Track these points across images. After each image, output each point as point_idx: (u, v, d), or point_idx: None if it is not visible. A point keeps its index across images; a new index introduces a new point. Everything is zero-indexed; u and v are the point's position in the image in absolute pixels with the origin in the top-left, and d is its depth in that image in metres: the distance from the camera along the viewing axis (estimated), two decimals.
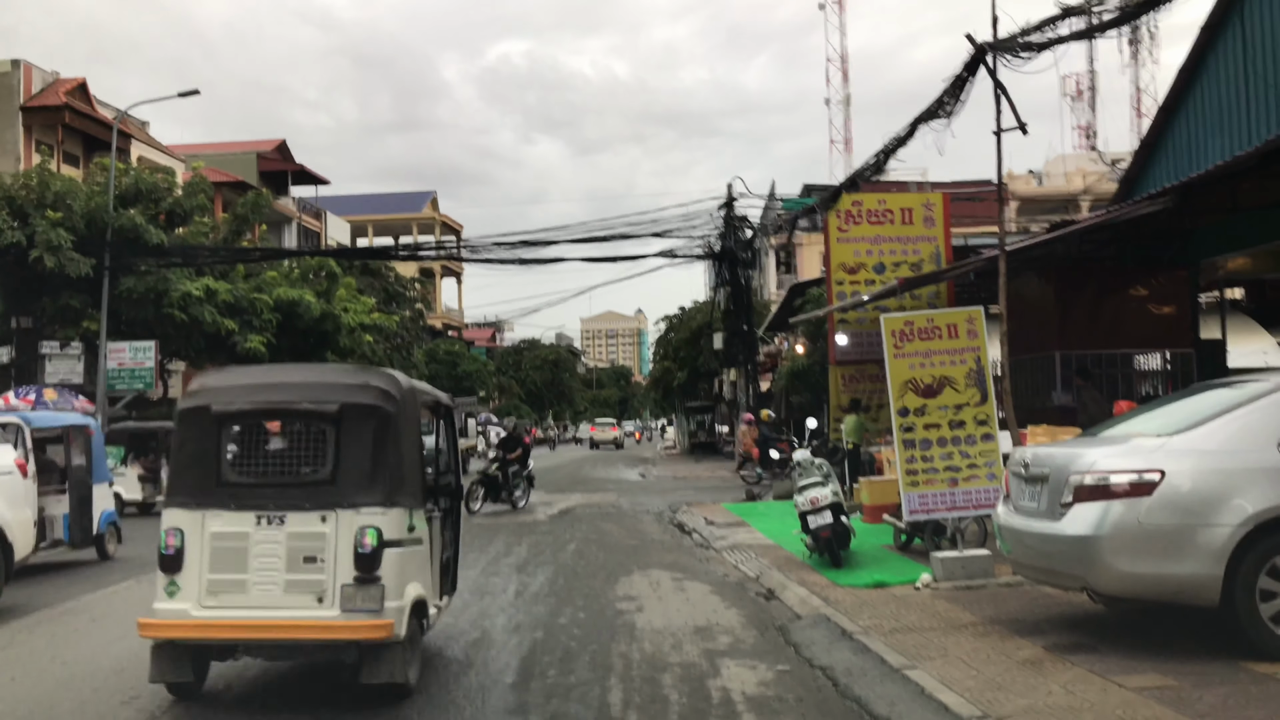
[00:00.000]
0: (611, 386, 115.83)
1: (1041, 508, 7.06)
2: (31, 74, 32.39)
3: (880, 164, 13.60)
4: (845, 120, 72.10)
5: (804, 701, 6.30)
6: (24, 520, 11.20)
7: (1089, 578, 6.74)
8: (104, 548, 13.92)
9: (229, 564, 6.34)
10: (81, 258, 24.20)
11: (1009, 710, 5.62)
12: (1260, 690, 5.72)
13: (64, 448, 13.59)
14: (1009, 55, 10.62)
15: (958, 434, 10.12)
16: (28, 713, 6.48)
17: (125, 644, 8.42)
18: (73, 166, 32.22)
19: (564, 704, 6.35)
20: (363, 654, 6.26)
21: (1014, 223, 42.05)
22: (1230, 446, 6.50)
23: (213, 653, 6.59)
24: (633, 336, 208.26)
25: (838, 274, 16.91)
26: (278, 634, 6.28)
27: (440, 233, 65.58)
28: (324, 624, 6.19)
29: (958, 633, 7.56)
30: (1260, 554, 6.26)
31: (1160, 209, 11.38)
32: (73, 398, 21.57)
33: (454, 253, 47.72)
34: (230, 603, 6.31)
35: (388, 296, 45.43)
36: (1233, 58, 14.03)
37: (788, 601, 9.51)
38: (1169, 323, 15.66)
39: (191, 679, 6.53)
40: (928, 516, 10.35)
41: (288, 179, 47.98)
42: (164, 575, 6.51)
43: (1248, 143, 12.99)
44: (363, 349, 35.77)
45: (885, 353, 10.32)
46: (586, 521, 17.91)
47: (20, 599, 10.56)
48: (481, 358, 64.58)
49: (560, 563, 12.78)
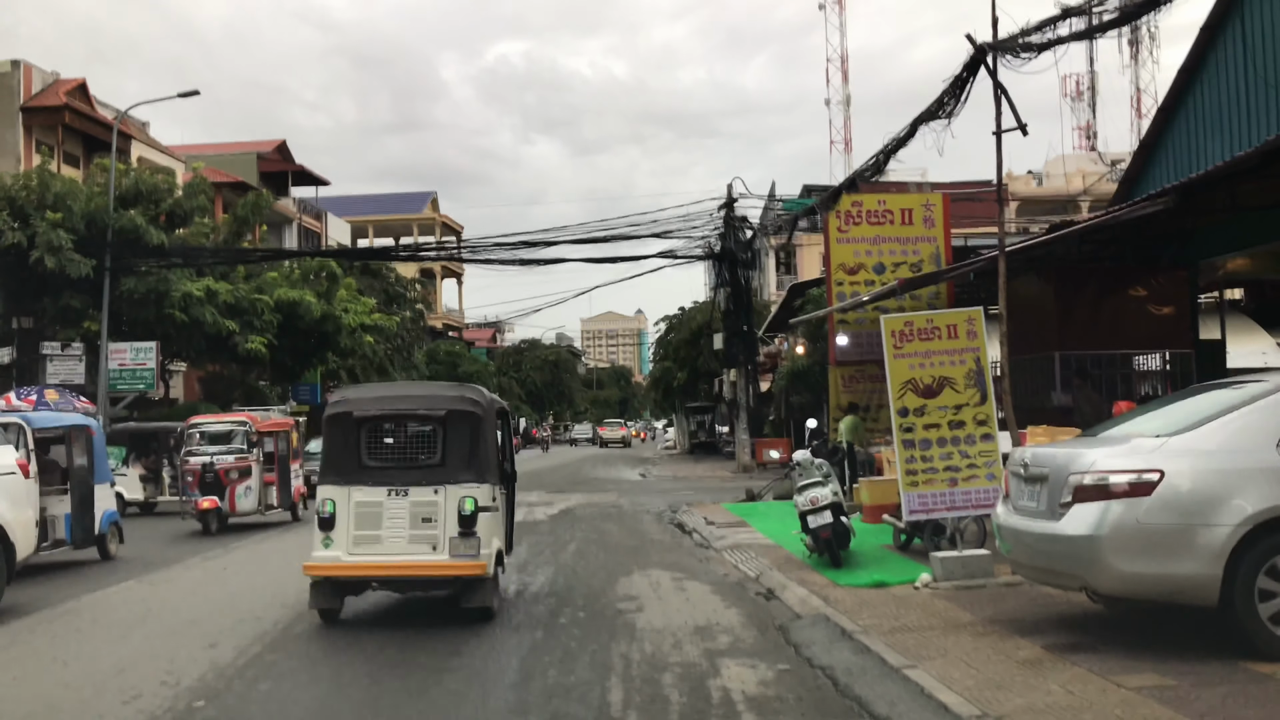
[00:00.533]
0: (612, 387, 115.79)
1: (1041, 508, 7.07)
2: (31, 74, 32.37)
3: (880, 164, 13.61)
4: (845, 120, 72.29)
5: (804, 701, 6.31)
6: (26, 520, 11.20)
7: (1088, 578, 6.75)
8: (105, 548, 13.93)
9: (368, 524, 8.78)
10: (82, 258, 24.21)
11: (1008, 710, 5.63)
12: (1259, 690, 5.73)
13: (66, 448, 13.61)
14: (1009, 55, 10.61)
15: (957, 434, 10.13)
16: (28, 713, 6.49)
17: (126, 644, 8.44)
18: (73, 167, 32.22)
19: (564, 703, 6.36)
20: (463, 587, 8.80)
21: (1014, 223, 42.07)
22: (1229, 447, 6.51)
23: (351, 588, 9.04)
24: (633, 337, 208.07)
25: (838, 274, 16.89)
26: (405, 573, 8.82)
27: (441, 233, 65.56)
28: (438, 565, 8.70)
29: (957, 632, 7.57)
30: (1259, 554, 6.27)
31: (1160, 209, 11.37)
32: (74, 398, 21.56)
33: (454, 253, 47.72)
34: (369, 551, 8.74)
35: (388, 297, 45.46)
36: (1233, 58, 14.03)
37: (788, 601, 9.52)
38: (1169, 323, 15.65)
39: (338, 606, 9.00)
40: (927, 516, 10.37)
41: (288, 179, 47.96)
42: (320, 532, 8.82)
43: (1248, 143, 12.99)
44: (363, 350, 35.83)
45: (885, 353, 10.33)
46: (587, 522, 17.92)
47: (22, 599, 10.56)
48: (482, 358, 64.68)
49: (560, 563, 12.79)
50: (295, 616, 9.37)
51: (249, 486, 17.70)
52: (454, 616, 8.92)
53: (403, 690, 6.74)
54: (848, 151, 69.81)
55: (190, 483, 17.57)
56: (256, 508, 17.88)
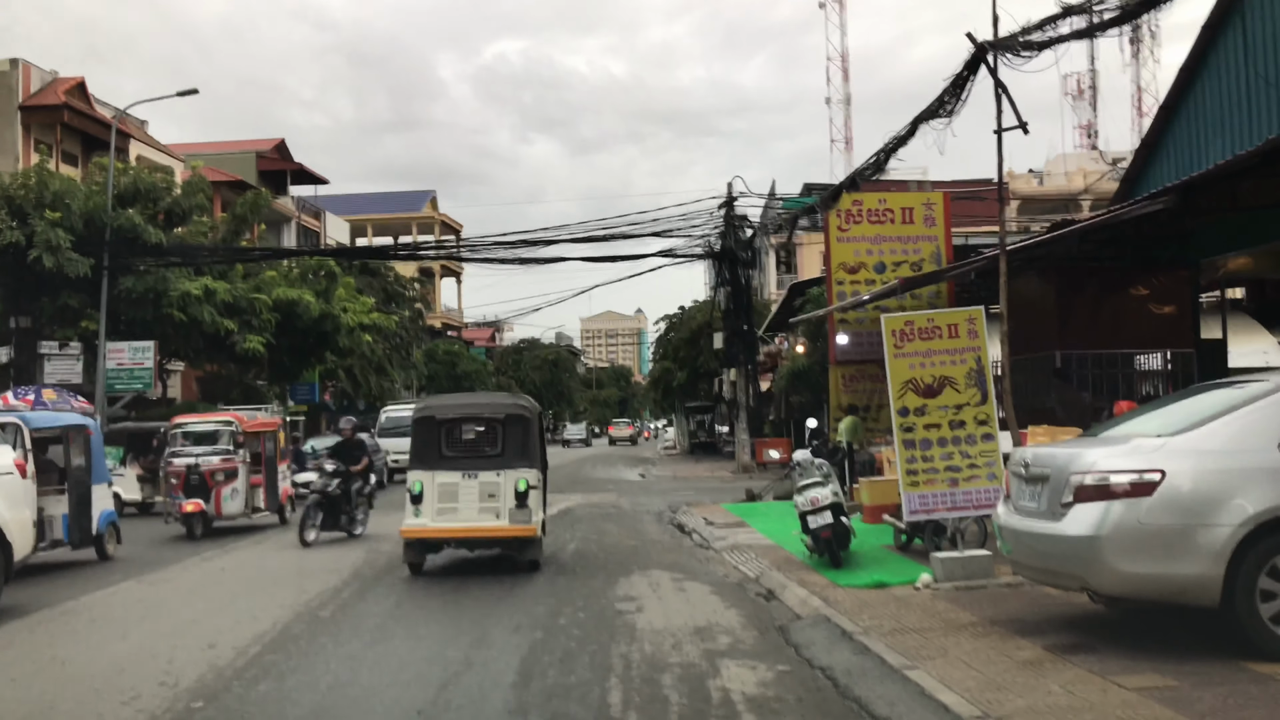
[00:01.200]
0: (611, 386, 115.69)
1: (1042, 508, 7.05)
2: (30, 73, 32.32)
3: (881, 163, 13.59)
4: (846, 119, 72.19)
5: (804, 702, 6.29)
6: (23, 520, 11.18)
7: (1089, 578, 6.73)
8: (103, 548, 13.91)
9: (447, 498, 11.63)
10: (80, 258, 24.15)
11: (1009, 710, 5.61)
12: (1260, 690, 5.72)
13: (63, 448, 13.59)
14: (1010, 54, 10.60)
15: (958, 434, 10.11)
16: (28, 713, 6.47)
17: (125, 644, 8.42)
18: (71, 166, 32.18)
19: (564, 704, 6.34)
20: (519, 545, 11.83)
21: (1014, 222, 42.02)
22: (1231, 447, 6.49)
23: (433, 546, 11.95)
24: (633, 336, 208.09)
25: (838, 274, 16.89)
26: (476, 535, 11.76)
27: (440, 232, 65.50)
28: (501, 529, 11.63)
29: (958, 633, 7.55)
30: (1260, 554, 6.25)
31: (1161, 209, 11.36)
32: (71, 398, 21.54)
33: (454, 252, 47.66)
34: (448, 519, 11.61)
35: (387, 296, 45.40)
36: (1234, 57, 14.02)
37: (788, 602, 9.50)
38: (1170, 322, 15.63)
39: (422, 560, 11.87)
40: (928, 517, 10.34)
41: (287, 178, 47.93)
42: (412, 506, 11.63)
43: (1249, 142, 12.97)
44: (362, 349, 35.79)
45: (885, 352, 10.31)
46: (586, 522, 17.89)
47: (20, 599, 10.54)
48: (481, 358, 64.61)
49: (560, 563, 12.77)
50: (294, 617, 9.36)
51: (235, 489, 17.06)
52: (462, 613, 8.88)
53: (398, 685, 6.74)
54: (848, 150, 69.80)
55: (175, 485, 16.96)
56: (243, 510, 17.23)
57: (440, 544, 11.92)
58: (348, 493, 15.45)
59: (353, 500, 15.59)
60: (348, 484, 15.46)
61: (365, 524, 15.85)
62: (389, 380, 42.25)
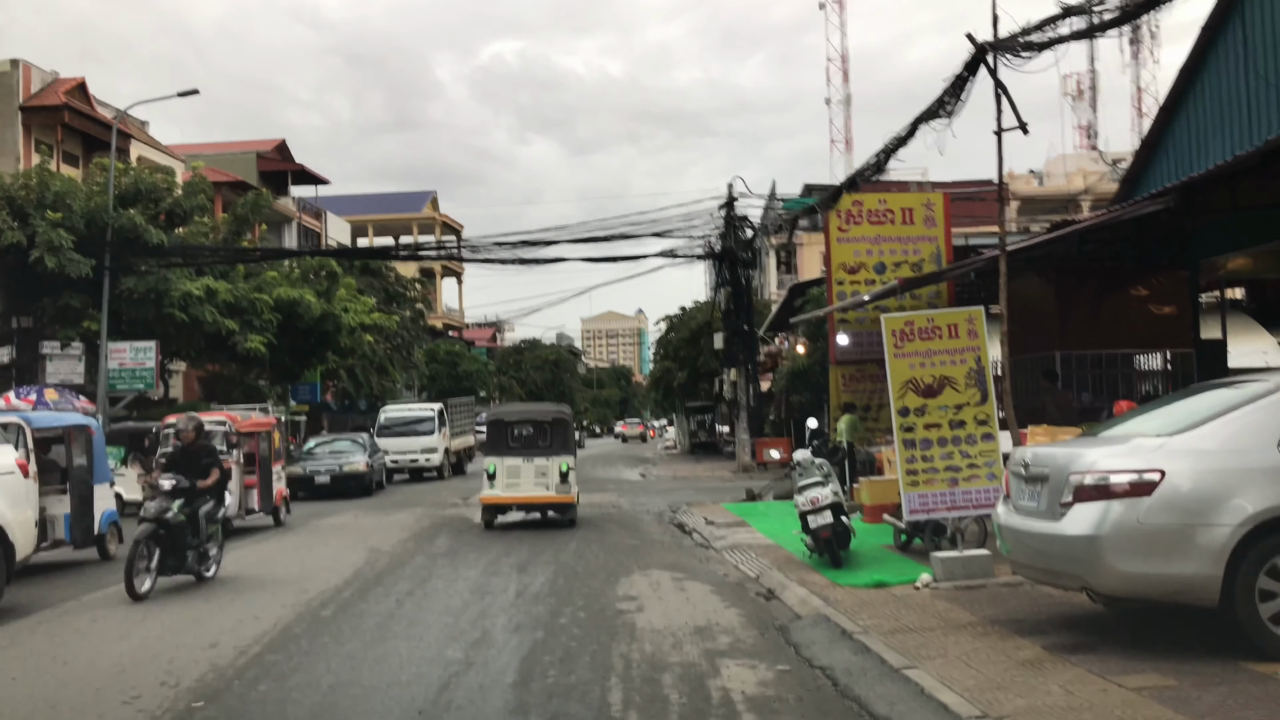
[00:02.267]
0: (612, 386, 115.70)
1: (1041, 508, 7.06)
2: (30, 74, 32.31)
3: (881, 164, 13.60)
4: (845, 120, 72.13)
5: (804, 701, 6.30)
6: (25, 520, 11.19)
7: (1089, 578, 6.74)
8: (105, 548, 13.92)
9: (512, 476, 16.76)
10: (82, 258, 24.15)
11: (1009, 710, 5.62)
12: (1260, 690, 5.72)
13: (65, 448, 13.60)
14: (1009, 55, 10.60)
15: (958, 434, 10.12)
16: (28, 713, 6.48)
17: (126, 644, 8.44)
18: (72, 166, 32.18)
19: (564, 704, 6.35)
20: (563, 509, 17.05)
21: (1014, 222, 42.04)
22: (1230, 446, 6.50)
23: (502, 509, 17.04)
24: (633, 336, 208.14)
25: (838, 274, 16.90)
26: (532, 500, 16.98)
27: (440, 233, 65.53)
28: (551, 497, 16.85)
29: (958, 633, 7.56)
30: (1260, 554, 6.25)
31: (1161, 209, 11.37)
32: (73, 398, 21.53)
33: (454, 253, 47.62)
34: (513, 490, 16.78)
35: (388, 296, 45.42)
36: (1234, 57, 14.01)
37: (788, 601, 9.51)
38: (1169, 323, 15.65)
39: (495, 519, 17.03)
40: (928, 516, 10.36)
41: (287, 179, 47.92)
42: (488, 481, 16.80)
43: (1249, 142, 12.97)
44: (363, 349, 35.81)
45: (885, 352, 10.32)
46: (587, 521, 17.89)
47: (21, 599, 10.56)
48: (482, 358, 64.55)
49: (561, 563, 12.79)
50: (295, 617, 9.37)
51: (228, 490, 16.89)
52: (462, 613, 8.88)
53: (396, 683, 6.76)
54: (848, 151, 69.77)
55: None
56: (236, 512, 16.86)
57: (508, 507, 17.01)
58: (194, 519, 11.17)
59: (201, 529, 11.28)
60: (193, 506, 11.21)
61: (219, 561, 11.89)
62: (390, 380, 42.28)
